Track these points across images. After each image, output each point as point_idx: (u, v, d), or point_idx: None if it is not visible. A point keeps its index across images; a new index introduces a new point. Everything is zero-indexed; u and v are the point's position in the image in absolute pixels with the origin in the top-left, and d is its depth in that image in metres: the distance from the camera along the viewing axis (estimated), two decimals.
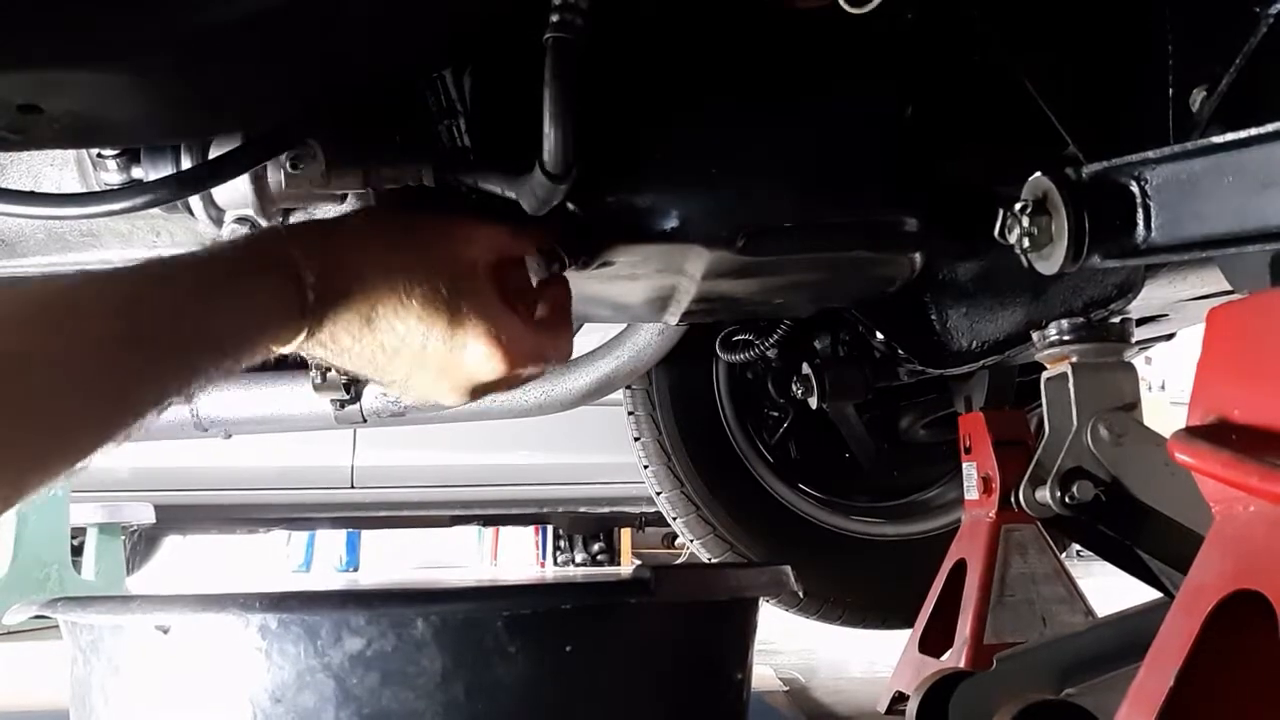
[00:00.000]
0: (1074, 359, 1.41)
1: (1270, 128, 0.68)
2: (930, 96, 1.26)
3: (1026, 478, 1.40)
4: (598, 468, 4.96)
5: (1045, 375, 1.46)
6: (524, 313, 0.93)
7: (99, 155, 1.02)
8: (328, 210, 1.14)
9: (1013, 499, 1.47)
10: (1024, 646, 1.56)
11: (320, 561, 9.66)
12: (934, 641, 1.89)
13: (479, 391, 0.88)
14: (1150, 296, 1.53)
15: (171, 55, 0.73)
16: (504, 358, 0.86)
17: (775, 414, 2.45)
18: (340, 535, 9.42)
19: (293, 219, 1.17)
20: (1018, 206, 0.82)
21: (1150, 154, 0.76)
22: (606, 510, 5.91)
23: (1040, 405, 1.47)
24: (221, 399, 1.88)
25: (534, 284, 1.01)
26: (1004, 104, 1.19)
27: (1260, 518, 0.70)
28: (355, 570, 9.57)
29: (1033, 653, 1.51)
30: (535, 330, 0.93)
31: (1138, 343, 1.59)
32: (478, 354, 0.84)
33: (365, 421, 1.85)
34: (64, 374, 0.63)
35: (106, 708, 0.76)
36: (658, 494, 2.45)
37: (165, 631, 0.72)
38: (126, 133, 0.88)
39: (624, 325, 1.91)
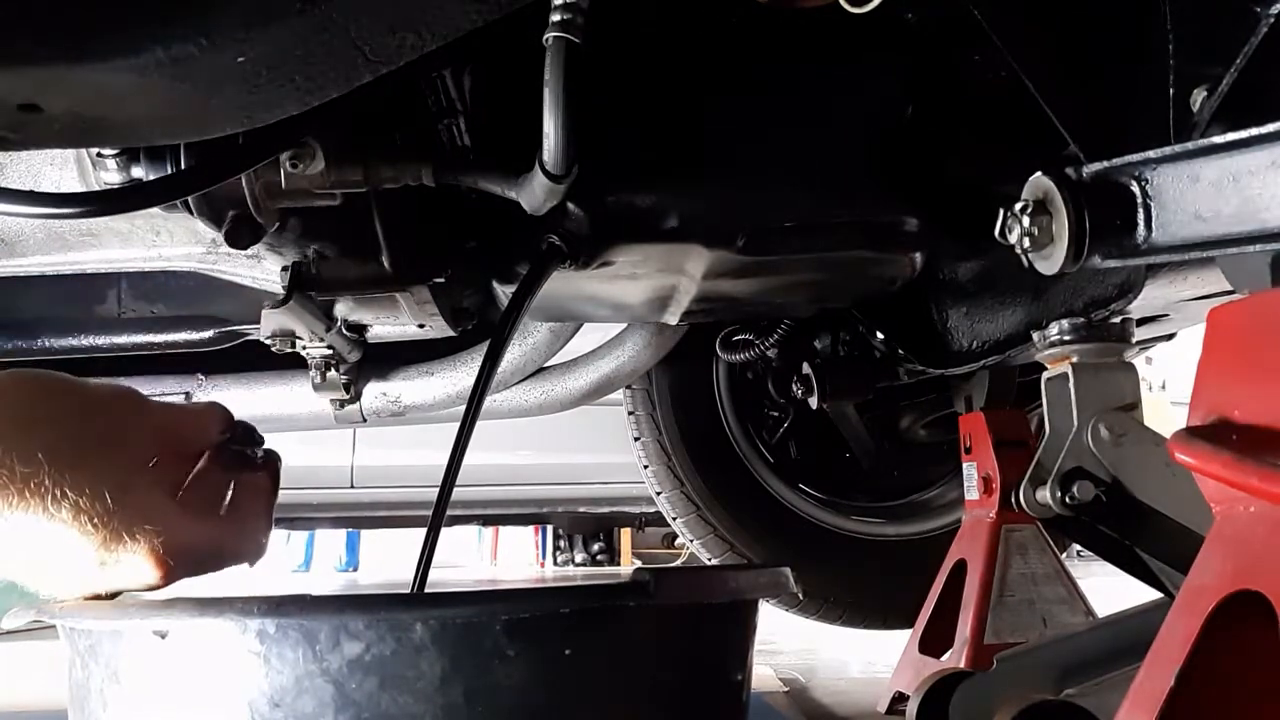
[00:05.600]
0: (1074, 359, 1.41)
1: (1270, 128, 0.68)
2: (931, 96, 1.26)
3: (1027, 478, 1.40)
4: (598, 468, 4.96)
5: (1046, 375, 1.46)
6: (204, 508, 0.78)
7: (99, 155, 1.02)
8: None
9: (1013, 499, 1.47)
10: (1024, 646, 1.56)
11: (320, 561, 9.66)
12: (934, 641, 1.89)
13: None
14: (1151, 296, 1.53)
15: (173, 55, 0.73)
16: (165, 574, 0.72)
17: (775, 414, 2.45)
18: (340, 535, 9.42)
19: (292, 219, 1.17)
20: (1018, 206, 0.82)
21: (1151, 154, 0.76)
22: (606, 510, 5.91)
23: (1040, 405, 1.47)
24: (220, 399, 1.88)
25: (226, 472, 0.83)
26: (1004, 103, 1.19)
27: (1261, 518, 0.69)
28: (355, 570, 9.57)
29: (1033, 653, 1.51)
30: (217, 529, 0.78)
31: (1138, 343, 1.59)
32: (134, 569, 0.70)
33: (365, 421, 1.85)
34: None
35: (105, 713, 0.76)
36: (658, 494, 2.45)
37: (163, 636, 0.72)
38: (126, 133, 0.88)
39: (624, 325, 1.91)
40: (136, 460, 0.71)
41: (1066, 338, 1.41)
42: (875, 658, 2.65)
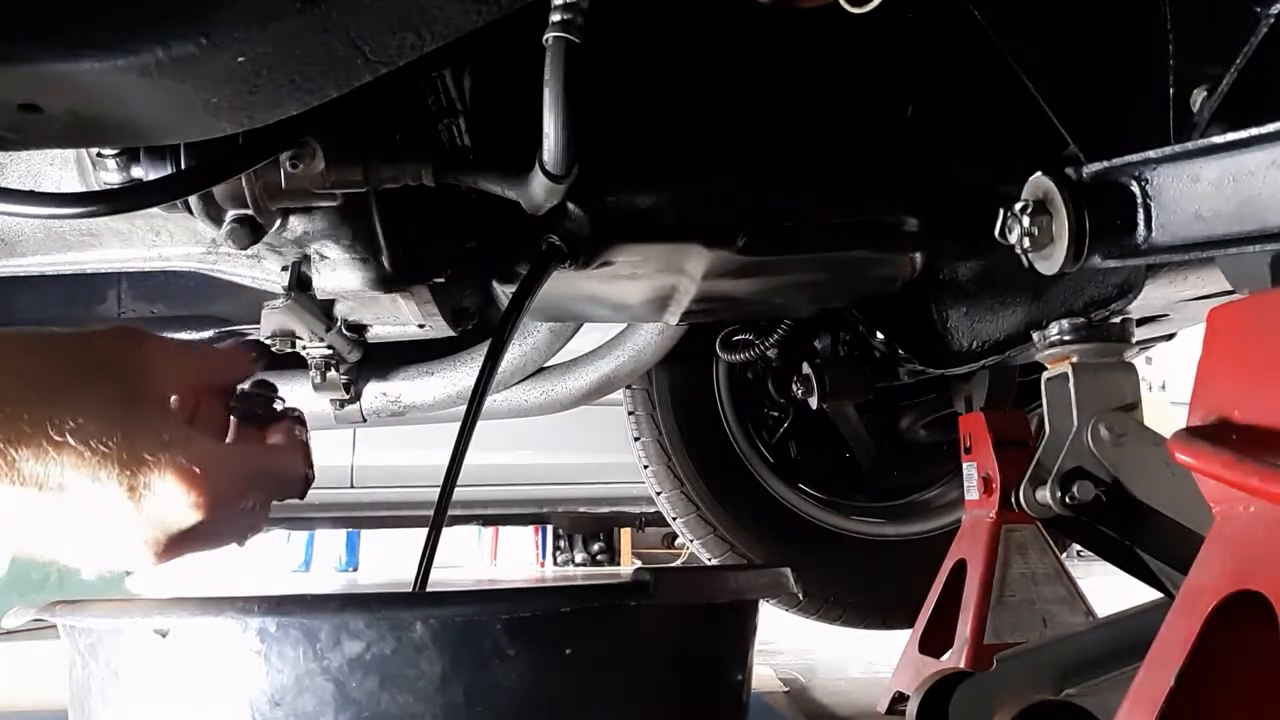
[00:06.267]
0: (1075, 359, 1.41)
1: (1270, 128, 0.68)
2: (931, 96, 1.26)
3: (1027, 478, 1.40)
4: (598, 468, 4.96)
5: (1046, 375, 1.46)
6: (239, 437, 0.77)
7: (99, 155, 1.02)
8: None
9: (1013, 499, 1.47)
10: (1024, 646, 1.56)
11: (320, 561, 9.66)
12: (934, 641, 1.89)
13: (179, 544, 0.68)
14: (1151, 296, 1.53)
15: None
16: (205, 493, 0.65)
17: (775, 414, 2.46)
18: (340, 535, 9.42)
19: (292, 219, 1.17)
20: (1018, 206, 0.82)
21: (1150, 154, 0.76)
22: (606, 510, 5.91)
23: (1040, 405, 1.47)
24: None
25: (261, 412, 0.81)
26: (1004, 103, 1.19)
27: (1260, 518, 0.70)
28: (355, 570, 9.57)
29: (1033, 653, 1.51)
30: (252, 452, 0.76)
31: (1138, 343, 1.59)
32: (169, 494, 0.64)
33: (365, 421, 1.85)
34: None
35: (105, 711, 0.76)
36: (658, 494, 2.45)
37: (164, 635, 0.72)
38: (126, 133, 0.88)
39: (624, 325, 1.91)
40: (145, 387, 0.68)
41: (1066, 338, 1.41)
42: (875, 658, 2.65)
